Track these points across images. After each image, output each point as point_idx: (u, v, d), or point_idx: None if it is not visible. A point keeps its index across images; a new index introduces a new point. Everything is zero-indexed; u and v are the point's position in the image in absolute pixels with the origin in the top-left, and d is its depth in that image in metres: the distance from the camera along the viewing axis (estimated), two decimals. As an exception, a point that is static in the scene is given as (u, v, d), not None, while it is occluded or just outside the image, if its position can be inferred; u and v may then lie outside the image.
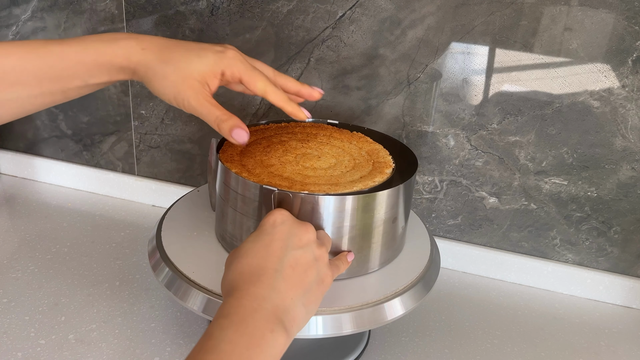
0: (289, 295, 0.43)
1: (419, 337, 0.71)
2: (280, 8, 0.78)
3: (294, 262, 0.45)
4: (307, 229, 0.48)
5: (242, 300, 0.42)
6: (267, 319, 0.41)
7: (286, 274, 0.44)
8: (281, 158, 0.61)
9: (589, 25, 0.68)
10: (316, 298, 0.46)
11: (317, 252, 0.47)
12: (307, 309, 0.45)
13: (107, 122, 0.95)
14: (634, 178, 0.74)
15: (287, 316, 0.42)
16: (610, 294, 0.80)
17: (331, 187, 0.54)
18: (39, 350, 0.64)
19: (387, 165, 0.60)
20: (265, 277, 0.43)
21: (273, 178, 0.55)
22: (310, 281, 0.46)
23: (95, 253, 0.83)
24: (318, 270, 0.47)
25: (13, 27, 0.92)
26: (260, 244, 0.46)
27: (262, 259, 0.45)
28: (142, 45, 0.50)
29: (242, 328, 0.40)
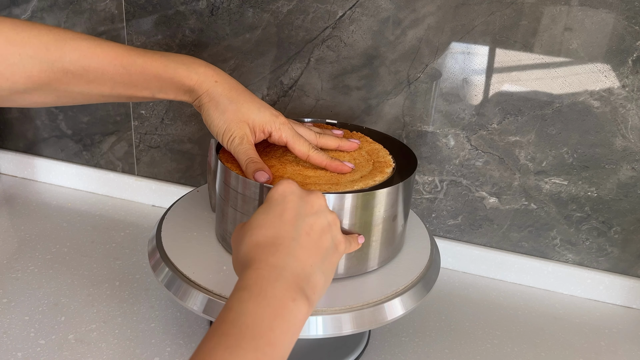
0: (308, 262, 0.43)
1: (419, 337, 0.71)
2: (280, 8, 0.78)
3: (308, 229, 0.45)
4: (318, 195, 0.48)
5: (260, 271, 0.41)
6: (287, 288, 0.40)
7: (303, 241, 0.43)
8: (281, 158, 0.61)
9: (589, 25, 0.68)
10: (332, 264, 0.46)
11: (329, 217, 0.47)
12: (326, 275, 0.45)
13: (107, 122, 0.95)
14: (634, 178, 0.74)
15: (308, 284, 0.42)
16: (610, 294, 0.80)
17: (332, 187, 0.54)
18: (39, 350, 0.64)
19: (387, 164, 0.60)
20: (283, 247, 0.42)
21: (274, 178, 0.56)
22: (327, 246, 0.45)
23: (95, 253, 0.83)
24: (332, 235, 0.47)
25: (13, 27, 0.92)
26: (272, 215, 0.45)
27: (277, 229, 0.44)
28: (216, 78, 0.57)
29: (263, 299, 0.39)
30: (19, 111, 0.99)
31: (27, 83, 0.49)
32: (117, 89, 0.54)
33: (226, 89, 0.56)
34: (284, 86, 0.82)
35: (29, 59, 0.49)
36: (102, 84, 0.53)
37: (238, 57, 0.83)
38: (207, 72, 0.56)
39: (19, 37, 0.48)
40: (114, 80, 0.53)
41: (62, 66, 0.50)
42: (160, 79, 0.55)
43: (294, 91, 0.82)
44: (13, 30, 0.48)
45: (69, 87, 0.52)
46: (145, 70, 0.54)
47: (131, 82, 0.54)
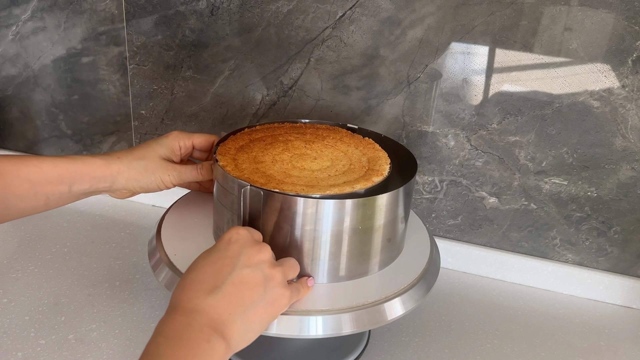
0: (227, 311, 0.44)
1: (419, 337, 0.71)
2: (280, 8, 0.78)
3: (238, 280, 0.46)
4: (261, 249, 0.49)
5: (176, 316, 0.43)
6: (201, 330, 0.42)
7: (227, 291, 0.45)
8: (276, 156, 0.61)
9: (589, 25, 0.68)
10: (261, 317, 0.46)
11: (267, 272, 0.48)
12: (248, 326, 0.45)
13: (107, 122, 0.95)
14: (634, 178, 0.74)
15: (224, 329, 0.43)
16: (610, 294, 0.80)
17: (305, 188, 0.54)
18: (39, 350, 0.64)
19: (378, 173, 0.58)
20: (202, 293, 0.44)
21: (254, 174, 0.56)
22: (255, 300, 0.46)
23: (95, 253, 0.83)
24: (267, 289, 0.47)
25: (13, 27, 0.92)
26: (207, 261, 0.47)
27: (206, 275, 0.46)
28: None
29: (178, 341, 0.41)
30: (19, 111, 0.99)
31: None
32: (34, 188, 0.56)
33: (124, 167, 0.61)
34: (284, 86, 0.82)
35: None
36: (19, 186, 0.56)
37: (238, 57, 0.83)
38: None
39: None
40: (29, 180, 0.55)
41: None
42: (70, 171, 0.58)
43: (294, 91, 0.82)
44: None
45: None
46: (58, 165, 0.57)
47: (46, 179, 0.57)
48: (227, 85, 0.85)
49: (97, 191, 0.60)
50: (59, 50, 0.92)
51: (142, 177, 0.60)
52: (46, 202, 0.57)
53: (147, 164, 0.60)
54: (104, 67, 0.90)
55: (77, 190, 0.58)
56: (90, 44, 0.89)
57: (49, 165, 0.56)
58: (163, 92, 0.89)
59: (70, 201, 0.59)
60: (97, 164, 0.59)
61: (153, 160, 0.61)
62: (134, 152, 0.61)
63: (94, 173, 0.58)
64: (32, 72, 0.95)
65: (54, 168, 0.56)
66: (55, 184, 0.56)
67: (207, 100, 0.87)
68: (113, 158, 0.60)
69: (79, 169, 0.57)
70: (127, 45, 0.87)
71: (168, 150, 0.62)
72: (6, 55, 0.95)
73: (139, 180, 0.61)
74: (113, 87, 0.91)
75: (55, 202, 0.58)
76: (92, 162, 0.58)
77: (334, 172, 0.59)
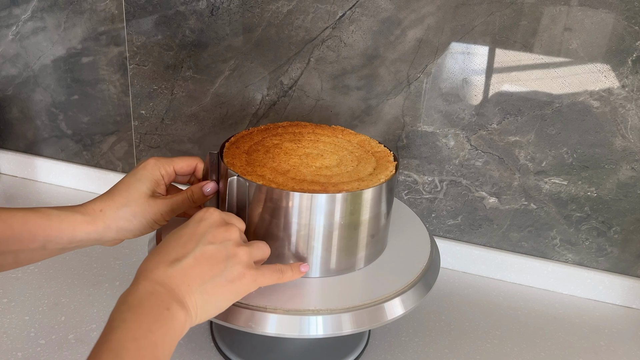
0: (184, 282, 0.45)
1: (419, 337, 0.71)
2: (280, 8, 0.78)
3: (200, 255, 0.46)
4: (228, 229, 0.49)
5: (138, 285, 0.44)
6: (161, 299, 0.43)
7: (187, 264, 0.46)
8: (289, 162, 0.59)
9: (589, 25, 0.68)
10: (222, 293, 0.47)
11: (231, 250, 0.48)
12: (207, 298, 0.46)
13: (107, 122, 0.95)
14: (633, 178, 0.74)
15: (183, 299, 0.44)
16: (610, 294, 0.80)
17: (360, 183, 0.55)
18: (39, 350, 0.64)
19: (389, 162, 0.60)
20: (163, 265, 0.45)
21: (300, 184, 0.54)
22: (214, 275, 0.47)
23: (95, 253, 0.83)
24: (228, 266, 0.47)
25: (13, 27, 0.92)
26: (175, 236, 0.48)
27: (169, 249, 0.47)
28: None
29: (140, 309, 0.42)
30: (19, 111, 0.99)
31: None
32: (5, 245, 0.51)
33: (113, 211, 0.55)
34: (284, 86, 0.82)
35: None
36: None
37: (238, 57, 0.83)
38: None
39: None
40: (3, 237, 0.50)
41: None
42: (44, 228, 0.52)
43: (294, 91, 0.82)
44: None
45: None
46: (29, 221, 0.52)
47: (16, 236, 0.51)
48: (227, 85, 0.85)
49: (81, 247, 0.54)
50: (59, 50, 0.92)
51: (132, 225, 0.54)
52: (15, 260, 0.51)
53: (134, 209, 0.54)
54: (104, 67, 0.91)
55: (53, 248, 0.52)
56: (90, 44, 0.90)
57: (19, 221, 0.50)
58: (163, 92, 0.89)
59: (47, 257, 0.53)
60: (78, 220, 0.52)
61: (139, 202, 0.54)
62: (116, 199, 0.54)
63: (74, 231, 0.52)
64: (32, 72, 0.95)
65: (24, 224, 0.50)
66: (26, 242, 0.50)
67: (207, 100, 0.87)
68: (95, 212, 0.53)
69: (56, 227, 0.51)
70: (127, 45, 0.87)
71: (151, 183, 0.56)
72: (6, 55, 0.95)
73: (130, 229, 0.55)
74: (113, 87, 0.91)
75: (27, 260, 0.52)
76: (71, 219, 0.52)
77: (349, 168, 0.59)
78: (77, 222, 0.52)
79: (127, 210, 0.54)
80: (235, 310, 0.52)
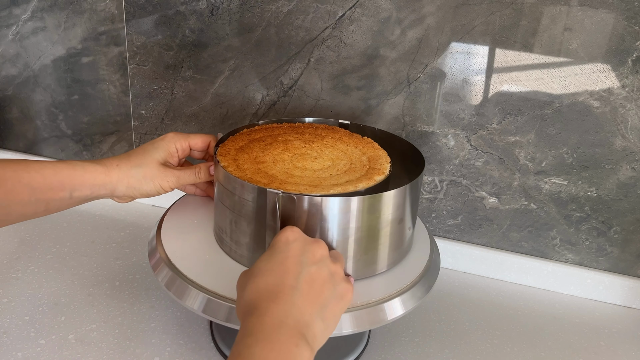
0: (307, 311, 0.44)
1: (419, 337, 0.71)
2: (280, 8, 0.78)
3: (309, 278, 0.46)
4: (320, 245, 0.49)
5: (264, 317, 0.42)
6: (290, 334, 0.42)
7: (303, 290, 0.45)
8: (277, 156, 0.61)
9: (589, 25, 0.68)
10: (334, 313, 0.47)
11: (332, 267, 0.48)
12: (326, 323, 0.45)
13: (107, 122, 0.95)
14: (634, 178, 0.74)
15: (308, 331, 0.43)
16: (610, 294, 0.80)
17: (308, 188, 0.54)
18: (39, 350, 0.64)
19: (379, 172, 0.59)
20: (283, 294, 0.44)
21: (257, 174, 0.56)
22: (327, 296, 0.46)
23: (95, 253, 0.83)
24: (335, 285, 0.47)
25: (13, 27, 0.92)
26: (274, 262, 0.47)
27: (279, 277, 0.45)
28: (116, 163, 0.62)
29: (269, 344, 0.41)
30: (19, 111, 0.99)
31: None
32: (35, 194, 0.56)
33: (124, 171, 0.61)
34: (284, 86, 0.82)
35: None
36: (19, 192, 0.56)
37: (238, 57, 0.83)
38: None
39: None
40: (30, 186, 0.55)
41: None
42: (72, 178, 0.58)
43: (294, 91, 0.82)
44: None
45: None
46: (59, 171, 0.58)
47: (47, 185, 0.56)
48: (227, 85, 0.85)
49: (98, 197, 0.60)
50: (59, 50, 0.92)
51: (141, 184, 0.61)
52: (47, 208, 0.57)
53: (145, 171, 0.61)
54: (104, 67, 0.91)
55: (77, 196, 0.58)
56: (90, 44, 0.89)
57: (50, 172, 0.56)
58: (163, 92, 0.89)
59: (71, 206, 0.59)
60: (98, 171, 0.59)
61: (151, 167, 0.61)
62: (132, 159, 0.61)
63: (95, 180, 0.58)
64: (32, 72, 0.95)
65: (55, 174, 0.56)
66: (56, 191, 0.56)
67: (207, 100, 0.87)
68: (112, 165, 0.60)
69: (80, 176, 0.57)
70: (127, 45, 0.87)
71: (165, 153, 0.62)
72: (6, 55, 0.95)
73: (138, 188, 0.61)
74: (113, 87, 0.91)
75: (56, 208, 0.58)
76: (92, 169, 0.58)
77: (335, 171, 0.59)
78: (97, 172, 0.58)
79: (139, 171, 0.60)
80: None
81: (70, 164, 0.58)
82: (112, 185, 0.59)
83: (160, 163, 0.62)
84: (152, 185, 0.61)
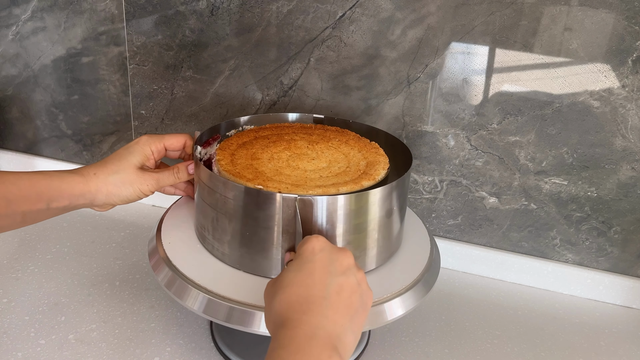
0: (339, 322, 0.43)
1: (419, 337, 0.71)
2: (280, 8, 0.78)
3: (339, 288, 0.45)
4: (346, 254, 0.48)
5: (296, 329, 0.42)
6: (323, 346, 0.41)
7: (333, 301, 0.44)
8: (275, 154, 0.61)
9: (589, 25, 0.68)
10: (361, 322, 0.46)
11: (358, 275, 0.48)
12: (355, 334, 0.45)
13: (107, 122, 0.95)
14: (634, 178, 0.74)
15: (340, 342, 0.43)
16: (610, 294, 0.80)
17: (289, 187, 0.54)
18: (39, 350, 0.64)
19: (370, 178, 0.58)
20: (315, 305, 0.43)
21: (246, 170, 0.57)
22: (356, 306, 0.46)
23: (95, 253, 0.83)
24: (361, 293, 0.47)
25: (13, 27, 0.92)
26: (303, 273, 0.46)
27: (308, 288, 0.45)
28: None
29: (302, 357, 0.40)
30: (19, 111, 0.99)
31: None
32: (10, 207, 0.55)
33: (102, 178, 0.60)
34: (284, 86, 0.82)
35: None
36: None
37: (238, 57, 0.83)
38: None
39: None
40: (5, 198, 0.54)
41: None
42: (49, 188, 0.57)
43: (294, 91, 0.82)
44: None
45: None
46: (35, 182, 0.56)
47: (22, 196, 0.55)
48: (227, 85, 0.85)
49: (77, 207, 0.59)
50: (59, 50, 0.92)
51: (120, 191, 0.60)
52: (23, 219, 0.56)
53: (123, 177, 0.60)
54: (104, 67, 0.90)
55: (55, 207, 0.57)
56: (90, 44, 0.89)
57: (26, 183, 0.55)
58: (163, 92, 0.89)
59: (49, 217, 0.58)
60: (76, 180, 0.58)
61: (128, 172, 0.60)
62: (109, 166, 0.60)
63: (73, 190, 0.57)
64: (32, 72, 0.95)
65: (31, 186, 0.55)
66: (33, 202, 0.55)
67: (207, 100, 0.87)
68: (89, 174, 0.59)
69: (57, 187, 0.56)
70: (127, 45, 0.87)
71: (141, 157, 0.62)
72: (6, 55, 0.95)
73: (118, 194, 0.60)
74: (113, 87, 0.91)
75: (33, 219, 0.57)
76: (70, 179, 0.57)
77: (327, 173, 0.59)
78: (75, 182, 0.58)
79: (117, 178, 0.60)
80: (236, 310, 0.52)
81: (47, 174, 0.57)
82: (91, 194, 0.58)
83: (137, 167, 0.61)
84: (132, 190, 0.60)
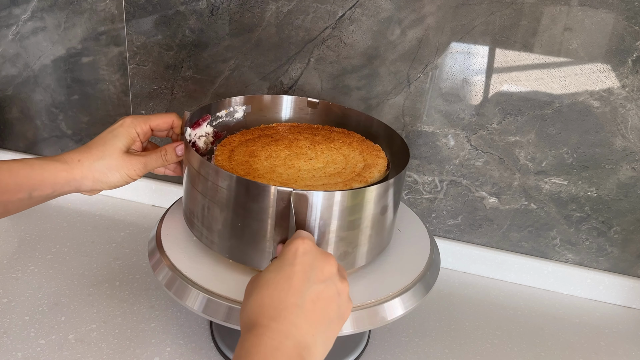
0: (309, 332, 0.42)
1: (419, 337, 0.71)
2: (280, 8, 0.78)
3: (315, 297, 0.43)
4: (329, 261, 0.46)
5: (262, 337, 0.40)
6: (288, 357, 0.40)
7: (307, 309, 0.43)
8: (273, 153, 0.62)
9: (589, 25, 0.68)
10: (334, 333, 0.45)
11: (339, 285, 0.46)
12: (326, 345, 0.44)
13: (107, 122, 0.95)
14: (634, 178, 0.74)
15: (308, 353, 0.41)
16: (610, 294, 0.80)
17: (282, 185, 0.54)
18: (39, 350, 0.64)
19: (362, 180, 0.58)
20: (287, 312, 0.42)
21: (240, 166, 0.58)
22: (331, 317, 0.44)
23: (95, 253, 0.83)
24: (339, 304, 0.45)
25: (13, 27, 0.92)
26: (281, 276, 0.44)
27: (283, 292, 0.43)
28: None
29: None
30: (19, 111, 0.99)
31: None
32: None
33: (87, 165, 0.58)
34: (284, 86, 0.82)
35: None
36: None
37: (238, 57, 0.83)
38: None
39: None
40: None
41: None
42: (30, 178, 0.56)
43: (294, 91, 0.82)
44: None
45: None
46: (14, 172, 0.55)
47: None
48: (227, 85, 0.85)
49: (62, 194, 0.58)
50: (59, 50, 0.92)
51: (107, 177, 0.58)
52: (5, 209, 0.55)
53: (109, 162, 0.58)
54: (104, 67, 0.90)
55: (38, 195, 0.56)
56: (90, 44, 0.89)
57: (6, 174, 0.54)
58: (163, 92, 0.89)
59: (33, 205, 0.57)
60: (59, 168, 0.56)
61: (114, 157, 0.58)
62: (93, 152, 0.58)
63: (56, 179, 0.56)
64: (32, 72, 0.95)
65: (10, 176, 0.54)
66: (13, 192, 0.54)
67: (207, 100, 0.87)
68: (74, 161, 0.57)
69: (39, 175, 0.55)
70: (127, 45, 0.87)
71: (127, 140, 0.59)
72: (6, 55, 0.95)
73: (105, 181, 0.58)
74: (113, 87, 0.91)
75: (16, 209, 0.56)
76: (52, 167, 0.56)
77: (320, 173, 0.59)
78: (58, 170, 0.56)
79: (102, 163, 0.58)
80: (235, 310, 0.52)
81: (27, 163, 0.55)
82: (77, 182, 0.57)
83: (123, 151, 0.59)
84: (119, 176, 0.59)
